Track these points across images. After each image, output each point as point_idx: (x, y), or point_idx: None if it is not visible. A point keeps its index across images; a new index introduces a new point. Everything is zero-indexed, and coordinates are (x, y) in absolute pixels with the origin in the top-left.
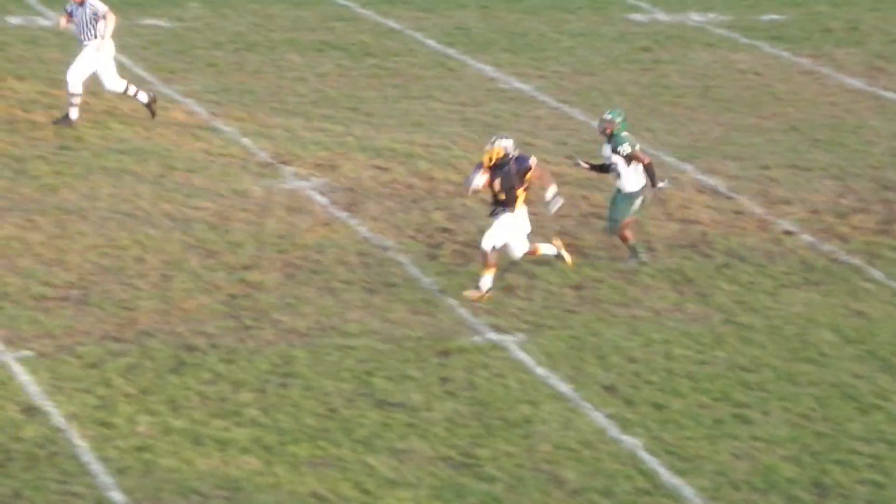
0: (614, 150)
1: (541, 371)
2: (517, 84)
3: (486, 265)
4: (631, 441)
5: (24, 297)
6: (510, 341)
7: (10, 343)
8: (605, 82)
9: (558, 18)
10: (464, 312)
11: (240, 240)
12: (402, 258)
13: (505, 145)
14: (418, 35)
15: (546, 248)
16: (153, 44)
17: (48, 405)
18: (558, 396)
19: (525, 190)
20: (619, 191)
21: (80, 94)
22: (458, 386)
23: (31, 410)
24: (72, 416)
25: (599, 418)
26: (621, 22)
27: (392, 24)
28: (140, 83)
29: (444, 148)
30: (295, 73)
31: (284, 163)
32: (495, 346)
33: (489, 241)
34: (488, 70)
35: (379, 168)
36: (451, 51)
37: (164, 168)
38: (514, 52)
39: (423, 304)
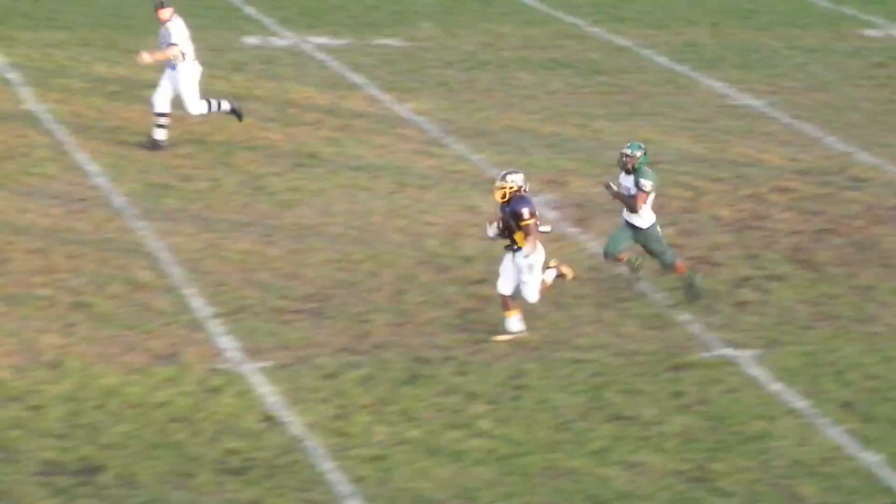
0: (636, 184)
1: (776, 387)
2: (748, 100)
3: (505, 308)
4: (871, 458)
5: (262, 309)
6: (744, 356)
7: (250, 354)
8: (838, 98)
9: (791, 34)
10: (696, 328)
11: (471, 254)
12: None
13: (516, 180)
14: (648, 52)
15: (549, 277)
16: (386, 63)
17: (287, 415)
18: (794, 412)
19: (526, 234)
20: (630, 225)
21: (206, 113)
22: (691, 400)
23: (270, 420)
24: (310, 426)
25: (837, 434)
26: (855, 38)
27: (621, 41)
28: (372, 102)
29: (673, 164)
30: (525, 91)
31: None
32: (728, 361)
33: (502, 286)
34: (719, 86)
35: None
36: (681, 67)
37: (397, 185)
38: (745, 68)
39: (654, 318)
